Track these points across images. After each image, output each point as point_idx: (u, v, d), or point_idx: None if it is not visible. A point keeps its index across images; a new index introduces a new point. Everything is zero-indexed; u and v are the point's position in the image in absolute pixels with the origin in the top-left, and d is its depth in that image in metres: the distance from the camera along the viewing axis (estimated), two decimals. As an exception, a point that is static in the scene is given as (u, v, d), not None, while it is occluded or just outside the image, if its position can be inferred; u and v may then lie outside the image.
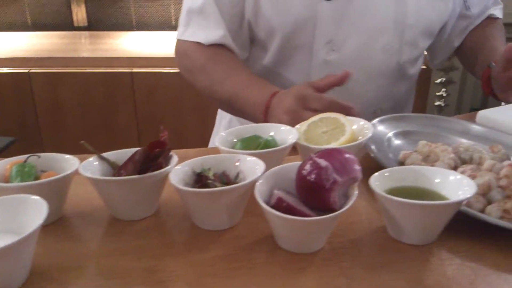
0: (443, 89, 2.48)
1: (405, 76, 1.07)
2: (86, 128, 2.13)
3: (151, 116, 2.12)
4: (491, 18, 1.16)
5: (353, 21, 0.97)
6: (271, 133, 0.70)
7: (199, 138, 2.08)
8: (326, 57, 0.99)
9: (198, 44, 1.01)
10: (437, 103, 2.50)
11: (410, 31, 1.00)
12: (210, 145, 1.26)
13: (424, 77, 2.17)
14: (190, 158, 0.62)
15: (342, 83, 0.81)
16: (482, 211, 0.59)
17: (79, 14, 2.45)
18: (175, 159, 0.61)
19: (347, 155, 0.55)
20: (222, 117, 1.22)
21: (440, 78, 2.43)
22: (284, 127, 0.71)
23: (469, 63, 1.15)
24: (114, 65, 2.06)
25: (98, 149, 0.61)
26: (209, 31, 0.99)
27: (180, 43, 1.05)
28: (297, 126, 0.71)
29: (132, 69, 2.05)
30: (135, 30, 2.51)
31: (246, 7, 0.98)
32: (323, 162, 0.53)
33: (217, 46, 1.00)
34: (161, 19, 2.53)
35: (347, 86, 1.00)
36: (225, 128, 1.20)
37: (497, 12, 1.17)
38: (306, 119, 0.72)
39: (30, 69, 2.05)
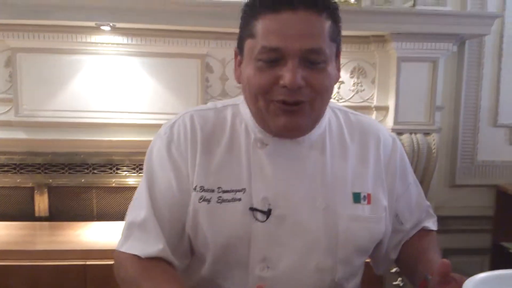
0: (399, 279, 2.50)
1: None
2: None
3: (101, 311, 2.05)
4: (425, 230, 1.22)
5: (286, 241, 1.03)
6: None
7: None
8: (261, 274, 1.03)
9: (135, 256, 1.03)
10: (394, 293, 2.51)
11: (342, 250, 1.05)
12: None
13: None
14: None
15: None
16: None
17: (41, 204, 2.50)
18: None
19: None
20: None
21: (395, 268, 2.47)
22: None
23: (407, 273, 1.19)
24: (67, 257, 2.05)
25: None
26: (147, 245, 1.03)
27: (118, 254, 1.08)
28: None
29: (86, 261, 2.05)
30: (96, 221, 2.54)
31: (186, 222, 1.05)
32: None
33: (154, 259, 1.03)
34: (122, 210, 2.59)
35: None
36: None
37: (431, 224, 1.23)
38: None
39: (-19, 263, 2.02)
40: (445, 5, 2.41)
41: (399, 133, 2.43)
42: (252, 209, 1.02)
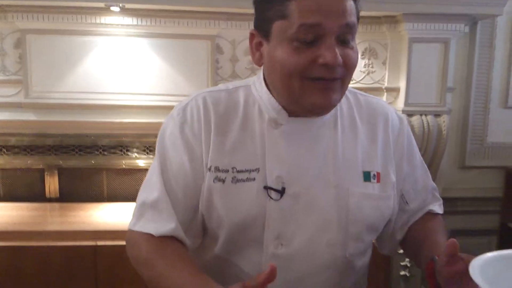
0: (407, 259, 2.52)
1: (353, 269, 1.13)
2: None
3: (112, 291, 2.08)
4: (431, 213, 1.23)
5: (299, 218, 1.06)
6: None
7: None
8: (275, 251, 1.05)
9: (148, 235, 1.05)
10: (402, 273, 2.53)
11: (353, 226, 1.08)
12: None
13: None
14: None
15: (273, 279, 0.84)
16: None
17: (52, 186, 2.52)
18: None
19: None
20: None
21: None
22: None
23: (412, 256, 1.20)
24: (78, 238, 2.08)
25: None
26: (160, 224, 1.05)
27: (131, 233, 1.10)
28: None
29: (96, 242, 2.07)
30: (106, 202, 2.56)
31: (200, 202, 1.07)
32: None
33: (167, 238, 1.05)
34: (133, 191, 2.61)
35: (297, 277, 1.06)
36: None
37: (437, 207, 1.24)
38: None
39: (-8, 243, 2.05)
40: (458, -16, 2.37)
41: (410, 114, 2.42)
42: (267, 188, 1.04)
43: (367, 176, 1.11)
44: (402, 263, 2.54)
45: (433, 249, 1.07)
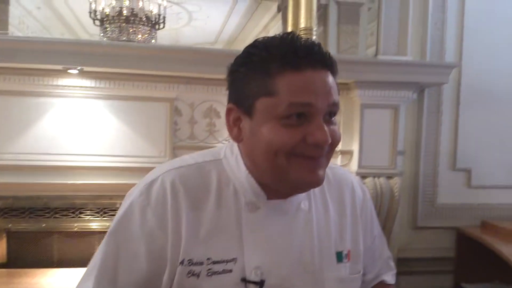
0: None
1: None
2: None
3: None
4: (384, 284, 1.24)
5: None
6: None
7: None
8: None
9: None
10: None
11: None
12: None
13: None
14: None
15: None
16: None
17: (-1, 250, 2.41)
18: None
19: None
20: None
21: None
22: None
23: None
24: (26, 307, 1.97)
25: None
26: None
27: None
28: None
29: (46, 311, 1.97)
30: (55, 267, 2.46)
31: None
32: None
33: None
34: (84, 256, 2.52)
35: None
36: None
37: (390, 278, 1.25)
38: None
39: None
40: (406, 54, 2.51)
41: (363, 176, 2.48)
42: (245, 281, 0.97)
43: (339, 257, 1.08)
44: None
45: None
